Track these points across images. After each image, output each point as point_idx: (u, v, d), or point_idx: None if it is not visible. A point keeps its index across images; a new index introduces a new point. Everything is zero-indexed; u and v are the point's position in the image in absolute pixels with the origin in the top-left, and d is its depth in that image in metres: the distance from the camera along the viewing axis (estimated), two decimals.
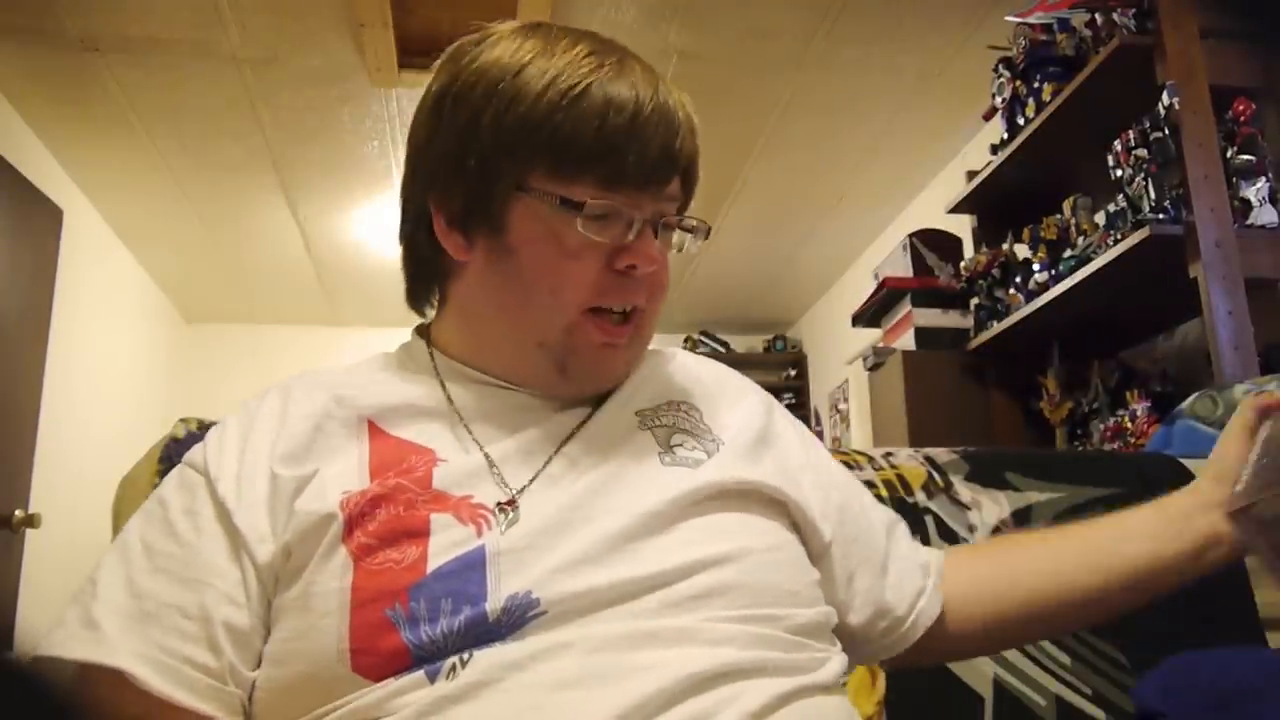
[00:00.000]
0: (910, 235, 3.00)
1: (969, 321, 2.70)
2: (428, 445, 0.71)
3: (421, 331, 0.81)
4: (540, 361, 0.74)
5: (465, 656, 0.60)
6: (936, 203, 3.11)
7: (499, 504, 0.68)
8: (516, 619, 0.61)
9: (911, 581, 0.80)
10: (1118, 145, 2.04)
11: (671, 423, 0.77)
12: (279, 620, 0.65)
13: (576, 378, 0.75)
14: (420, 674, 0.60)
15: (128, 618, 0.64)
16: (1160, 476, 1.03)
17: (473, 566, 0.63)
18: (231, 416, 0.75)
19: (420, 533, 0.64)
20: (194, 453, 0.73)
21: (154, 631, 0.64)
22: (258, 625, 0.65)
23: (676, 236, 0.78)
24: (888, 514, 0.85)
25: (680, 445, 0.75)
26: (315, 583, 0.64)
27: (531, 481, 0.70)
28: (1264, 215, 1.91)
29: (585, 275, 0.71)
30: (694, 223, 0.79)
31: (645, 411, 0.78)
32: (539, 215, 0.71)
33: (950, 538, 1.01)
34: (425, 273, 0.79)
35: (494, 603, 0.61)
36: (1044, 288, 2.30)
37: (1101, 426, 2.28)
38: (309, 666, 0.62)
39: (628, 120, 0.70)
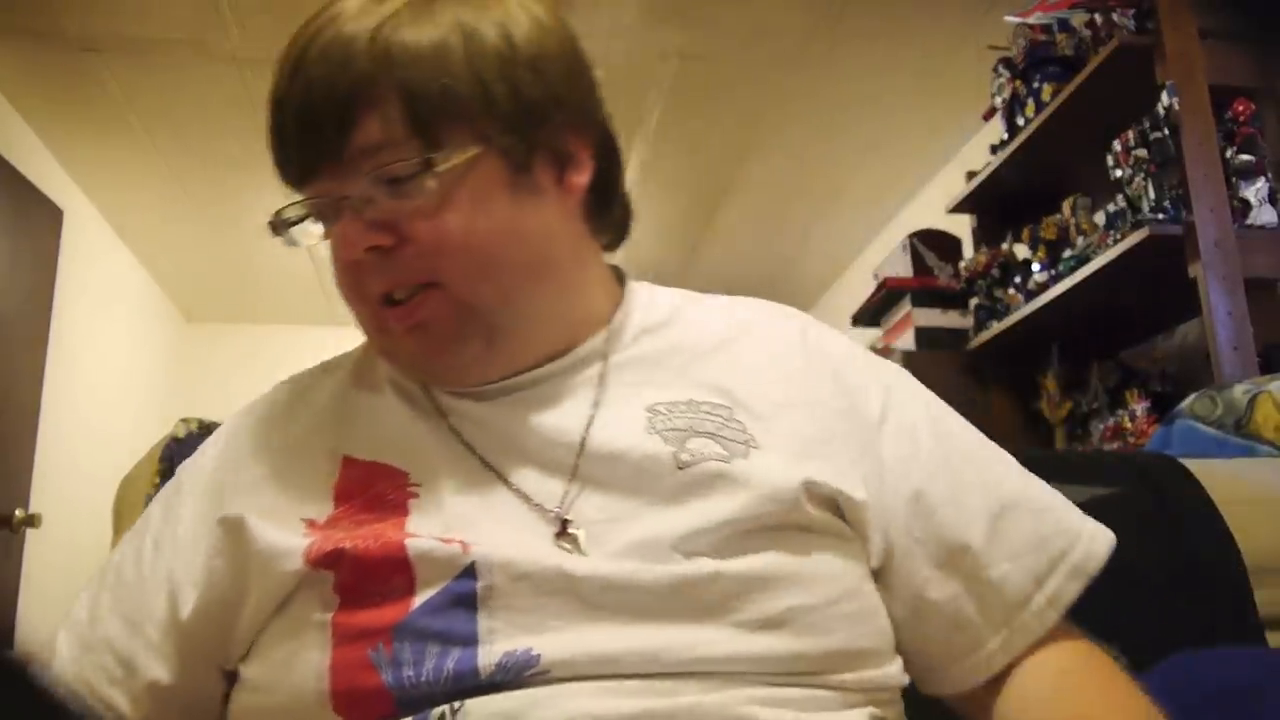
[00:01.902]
0: (910, 235, 3.00)
1: (969, 321, 2.69)
2: (403, 468, 0.64)
3: None
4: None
5: (456, 706, 0.54)
6: (936, 203, 3.11)
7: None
8: (513, 677, 0.55)
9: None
10: (1117, 145, 2.04)
11: (688, 425, 0.64)
12: (262, 647, 0.61)
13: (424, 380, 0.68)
14: None
15: (79, 641, 0.65)
16: (1160, 476, 1.03)
17: (461, 600, 0.57)
18: (225, 424, 0.73)
19: (400, 559, 0.58)
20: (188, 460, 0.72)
21: (90, 664, 0.64)
22: (187, 676, 0.63)
23: (395, 189, 0.61)
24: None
25: (700, 449, 0.63)
26: (298, 615, 0.60)
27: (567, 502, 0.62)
28: (1264, 215, 1.91)
29: (343, 270, 0.64)
30: (398, 167, 0.60)
31: (660, 408, 0.65)
32: None
33: None
34: None
35: (487, 657, 0.55)
36: (1044, 288, 2.30)
37: (1101, 426, 2.28)
38: (289, 700, 0.58)
39: (286, 80, 0.63)
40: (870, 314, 3.10)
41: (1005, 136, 2.47)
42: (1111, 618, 0.95)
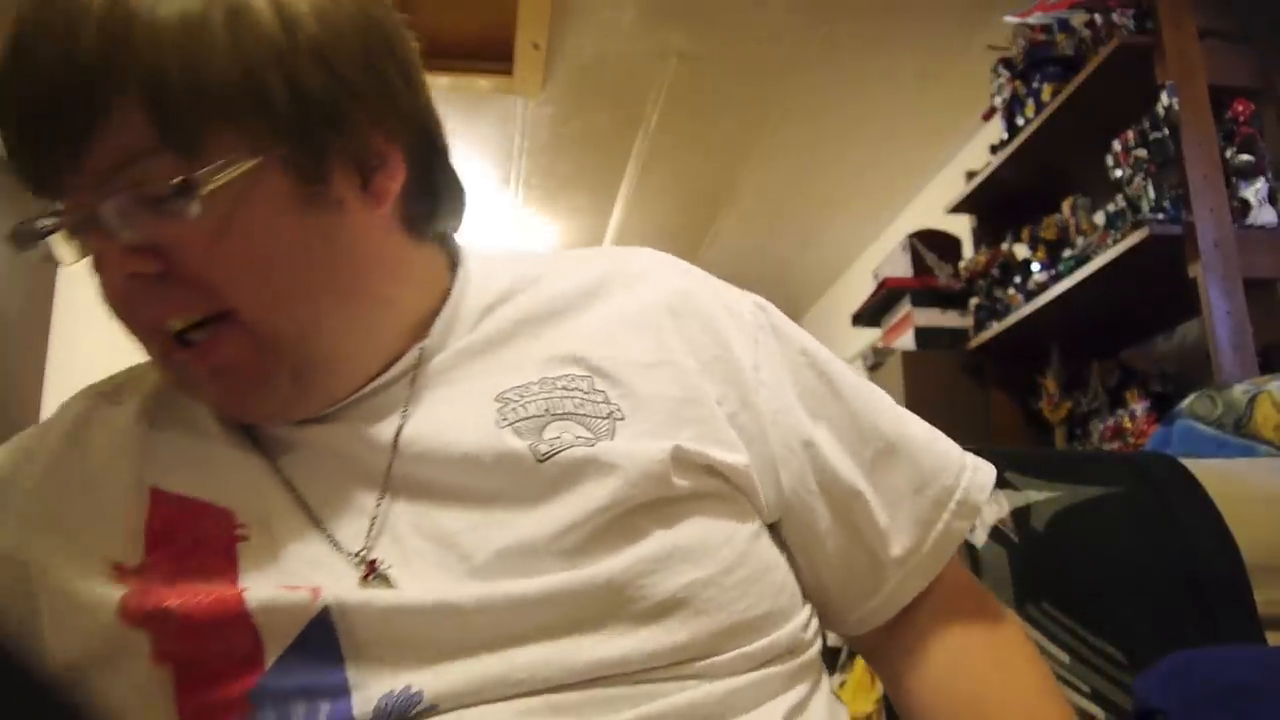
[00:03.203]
0: (910, 235, 3.00)
1: (969, 321, 2.70)
2: (225, 505, 0.55)
3: None
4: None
5: None
6: (936, 203, 3.11)
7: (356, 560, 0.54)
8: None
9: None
10: (1117, 145, 2.04)
11: (543, 409, 0.57)
12: (91, 694, 0.53)
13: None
14: None
15: None
16: (1159, 476, 1.04)
17: (322, 645, 0.50)
18: (14, 442, 0.63)
19: (240, 615, 0.50)
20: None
21: None
22: None
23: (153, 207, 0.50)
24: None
25: (559, 436, 0.56)
26: (126, 695, 0.51)
27: (374, 533, 0.55)
28: (1263, 215, 1.92)
29: (107, 294, 0.56)
30: (153, 188, 0.50)
31: (510, 395, 0.58)
32: None
33: None
34: None
35: (363, 705, 0.49)
36: (1043, 288, 2.30)
37: (1101, 426, 2.28)
38: None
39: (9, 57, 0.49)
40: (870, 314, 3.10)
41: (1005, 136, 2.47)
42: (1112, 617, 0.96)
